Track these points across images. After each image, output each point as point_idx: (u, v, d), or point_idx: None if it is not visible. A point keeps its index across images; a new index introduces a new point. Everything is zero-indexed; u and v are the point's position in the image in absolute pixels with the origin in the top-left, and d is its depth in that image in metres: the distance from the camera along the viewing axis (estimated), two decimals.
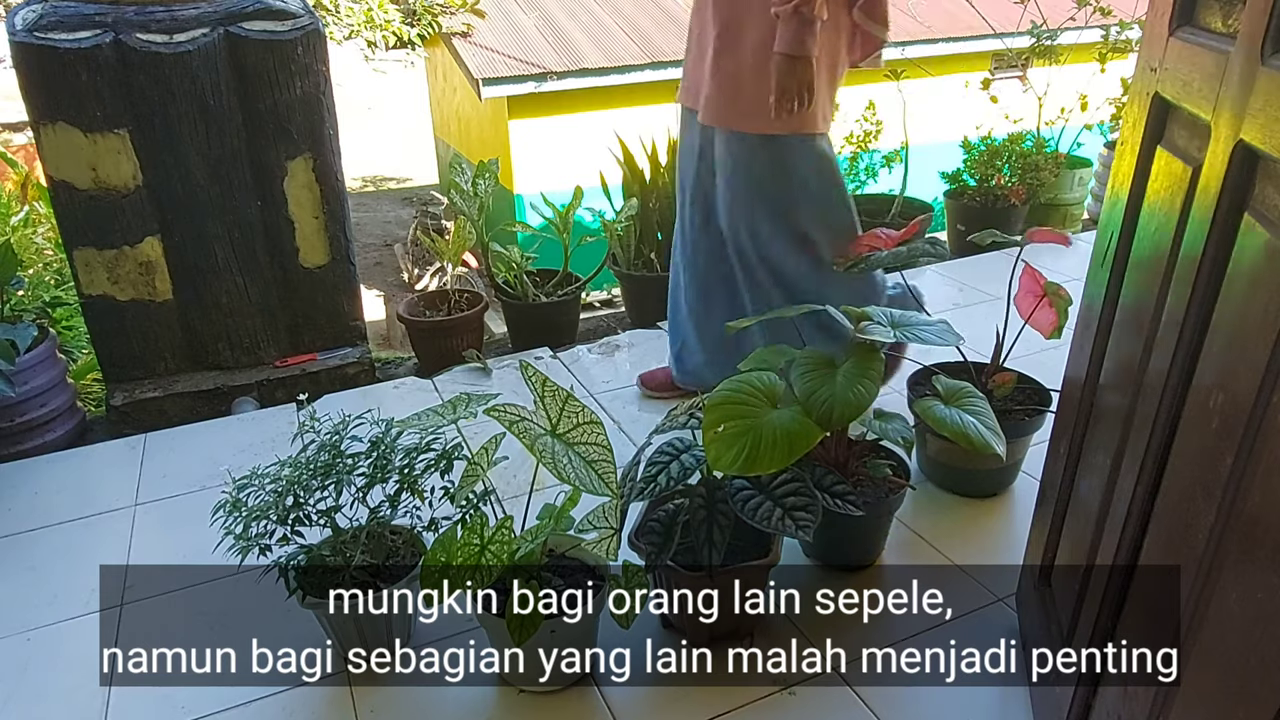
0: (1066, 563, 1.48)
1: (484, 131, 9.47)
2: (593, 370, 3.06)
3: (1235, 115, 0.91)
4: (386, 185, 14.66)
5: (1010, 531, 2.04)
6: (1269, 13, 0.85)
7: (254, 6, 2.71)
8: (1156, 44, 1.20)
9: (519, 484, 2.31)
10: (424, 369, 3.24)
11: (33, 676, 1.80)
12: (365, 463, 1.66)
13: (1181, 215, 1.06)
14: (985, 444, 1.70)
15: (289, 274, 2.99)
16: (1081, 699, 1.28)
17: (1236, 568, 0.86)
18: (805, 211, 2.27)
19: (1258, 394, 0.83)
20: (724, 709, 1.63)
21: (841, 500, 1.74)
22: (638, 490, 1.66)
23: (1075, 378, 1.47)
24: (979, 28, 7.90)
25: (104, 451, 2.66)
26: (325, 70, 2.85)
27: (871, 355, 1.70)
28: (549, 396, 1.54)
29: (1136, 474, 1.13)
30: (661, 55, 8.23)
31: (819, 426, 1.59)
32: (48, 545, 2.22)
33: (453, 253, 3.56)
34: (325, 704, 1.69)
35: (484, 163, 3.27)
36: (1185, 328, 1.02)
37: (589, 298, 6.33)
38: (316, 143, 2.87)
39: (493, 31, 8.62)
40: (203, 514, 1.71)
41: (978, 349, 2.65)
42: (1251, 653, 0.83)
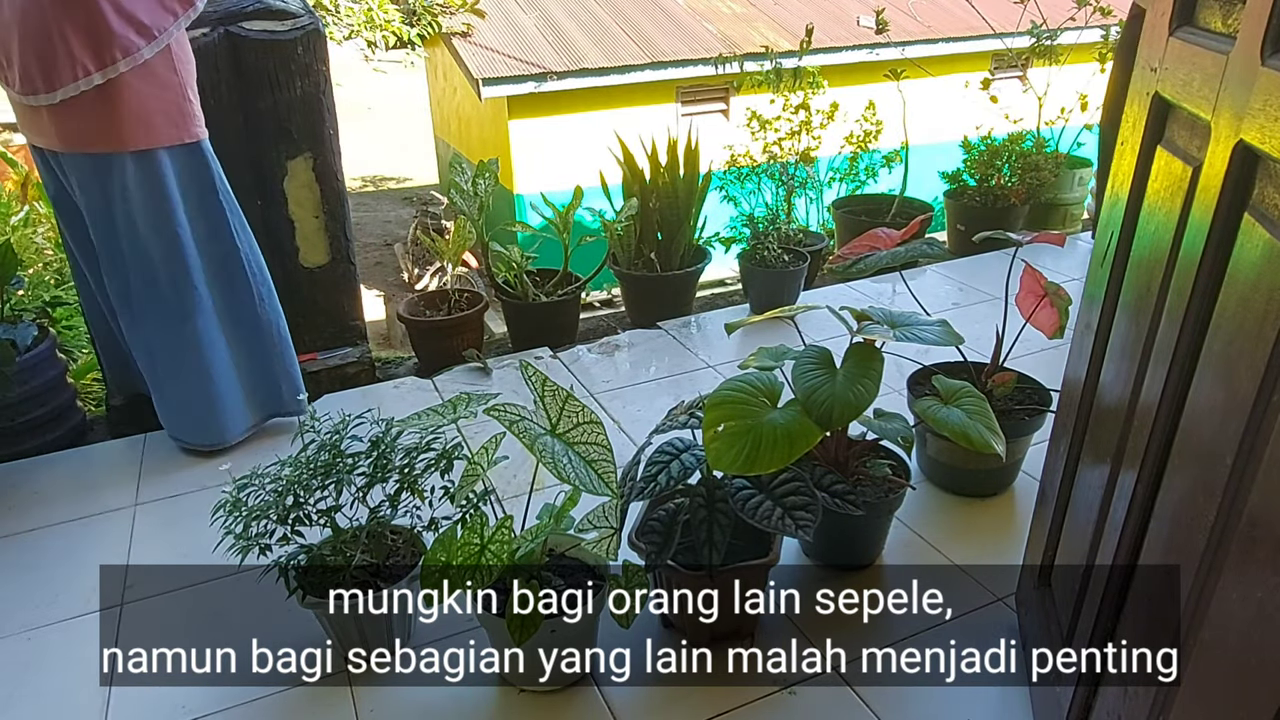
0: (1066, 563, 1.48)
1: (484, 131, 9.47)
2: (593, 370, 3.07)
3: (1235, 115, 0.91)
4: (386, 185, 14.66)
5: (1010, 531, 2.04)
6: (1269, 13, 0.85)
7: (254, 6, 2.71)
8: (1156, 44, 1.20)
9: (519, 484, 2.31)
10: (424, 369, 3.24)
11: (33, 676, 1.80)
12: (365, 462, 1.66)
13: (1181, 215, 1.06)
14: (985, 444, 1.70)
15: (289, 274, 2.98)
16: (1081, 699, 1.28)
17: (1236, 568, 0.86)
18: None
19: (1258, 394, 0.83)
20: (724, 709, 1.63)
21: (841, 500, 1.74)
22: (638, 490, 1.66)
23: (1075, 378, 1.47)
24: (979, 28, 7.90)
25: (104, 451, 2.66)
26: (325, 70, 2.85)
27: (872, 355, 1.70)
28: (549, 396, 1.54)
29: (1136, 474, 1.13)
30: (661, 55, 8.23)
31: (819, 426, 1.59)
32: (48, 545, 2.22)
33: (453, 252, 3.56)
34: (325, 704, 1.69)
35: (484, 162, 3.27)
36: (1185, 328, 1.02)
37: (589, 298, 6.33)
38: (316, 142, 2.87)
39: (493, 31, 8.62)
40: (203, 514, 1.71)
41: (978, 349, 2.66)
42: (1251, 653, 0.83)
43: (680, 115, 8.42)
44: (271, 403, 2.66)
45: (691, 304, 3.65)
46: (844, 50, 8.40)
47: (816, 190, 5.00)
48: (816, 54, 6.81)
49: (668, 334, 3.33)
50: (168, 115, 2.26)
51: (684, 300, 3.60)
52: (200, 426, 2.56)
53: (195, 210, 2.38)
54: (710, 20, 8.94)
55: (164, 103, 2.24)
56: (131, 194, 2.28)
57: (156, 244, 2.35)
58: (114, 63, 2.13)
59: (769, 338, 3.16)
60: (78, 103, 2.16)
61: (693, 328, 3.38)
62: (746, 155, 4.52)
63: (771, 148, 4.22)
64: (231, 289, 2.48)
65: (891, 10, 8.35)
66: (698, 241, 3.69)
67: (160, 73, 2.22)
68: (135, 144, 2.24)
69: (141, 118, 2.22)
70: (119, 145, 2.23)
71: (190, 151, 2.33)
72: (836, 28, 8.68)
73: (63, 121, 2.20)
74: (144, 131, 2.23)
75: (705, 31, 8.71)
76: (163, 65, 2.22)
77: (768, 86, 4.12)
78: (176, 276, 2.38)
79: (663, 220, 3.55)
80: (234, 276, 2.48)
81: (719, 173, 4.63)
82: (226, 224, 2.43)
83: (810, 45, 4.33)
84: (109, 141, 2.22)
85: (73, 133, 2.22)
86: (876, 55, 8.13)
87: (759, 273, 3.50)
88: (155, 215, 2.32)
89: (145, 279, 2.38)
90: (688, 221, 3.56)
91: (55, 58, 2.11)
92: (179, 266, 2.37)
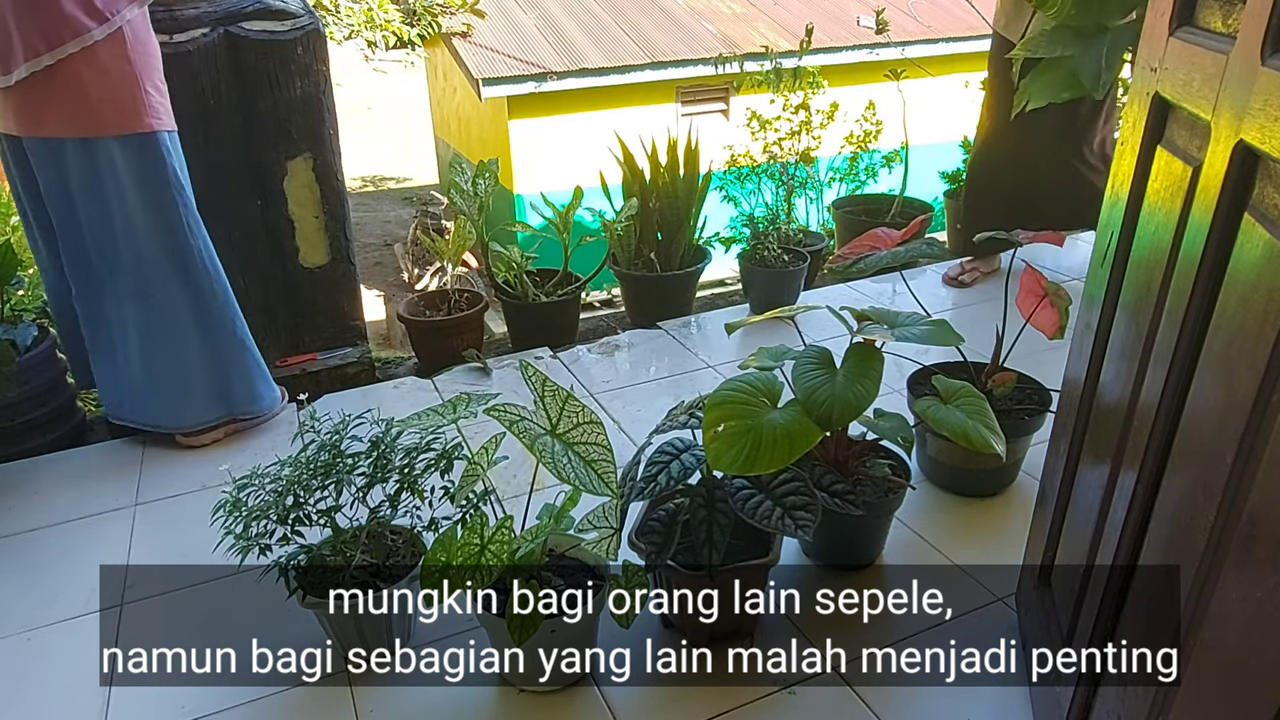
0: (1066, 563, 1.48)
1: (484, 131, 9.48)
2: (593, 370, 3.07)
3: (1235, 115, 0.91)
4: (386, 185, 14.66)
5: (1010, 531, 2.04)
6: (1269, 13, 0.85)
7: (254, 6, 2.71)
8: (1156, 44, 1.20)
9: (519, 484, 2.31)
10: (424, 369, 3.24)
11: (33, 676, 1.80)
12: (365, 462, 1.66)
13: (1181, 215, 1.06)
14: (985, 444, 1.70)
15: (289, 274, 2.98)
16: (1081, 699, 1.28)
17: (1236, 568, 0.86)
18: None
19: (1258, 394, 0.83)
20: (724, 709, 1.63)
21: (841, 500, 1.74)
22: (638, 490, 1.66)
23: (1075, 378, 1.47)
24: (979, 28, 7.91)
25: (104, 451, 2.66)
26: (325, 70, 2.85)
27: (872, 355, 1.70)
28: (549, 396, 1.54)
29: (1136, 474, 1.13)
30: (661, 55, 8.24)
31: (819, 426, 1.59)
32: (48, 545, 2.22)
33: (453, 253, 3.56)
34: (325, 704, 1.69)
35: (484, 163, 3.26)
36: (1185, 328, 1.02)
37: (589, 298, 6.33)
38: (316, 142, 2.87)
39: (493, 31, 8.63)
40: (203, 514, 1.71)
41: (978, 349, 2.66)
42: (1251, 653, 0.83)
43: (680, 115, 8.43)
44: (224, 402, 2.64)
45: (691, 304, 3.65)
46: (844, 50, 8.41)
47: (816, 190, 5.00)
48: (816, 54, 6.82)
49: (668, 334, 3.33)
50: (117, 104, 2.26)
51: (684, 300, 3.60)
52: (143, 406, 2.58)
53: (145, 203, 2.37)
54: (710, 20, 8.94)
55: (113, 92, 2.24)
56: (85, 180, 2.31)
57: (109, 233, 2.37)
58: (63, 44, 2.14)
59: (769, 338, 3.16)
60: (30, 85, 2.18)
61: (693, 328, 3.38)
62: (746, 155, 4.52)
63: (771, 148, 4.22)
64: (186, 285, 2.49)
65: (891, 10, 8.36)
66: (698, 241, 3.69)
67: (110, 61, 2.22)
68: (80, 131, 2.25)
69: (87, 106, 2.23)
70: (65, 131, 2.24)
71: (143, 143, 2.32)
72: (836, 27, 8.69)
73: (18, 104, 2.23)
74: (89, 119, 2.24)
75: (705, 31, 8.72)
76: (114, 53, 2.22)
77: (768, 86, 4.12)
78: (131, 266, 2.41)
79: (663, 220, 3.55)
80: (189, 273, 2.48)
81: (719, 173, 4.63)
82: (180, 221, 2.42)
83: (810, 45, 4.33)
84: (56, 127, 2.24)
85: (26, 116, 2.25)
86: (876, 55, 8.14)
87: (759, 273, 3.50)
88: (105, 205, 2.33)
89: (103, 263, 2.42)
90: (688, 221, 3.56)
91: (10, 39, 2.14)
92: (132, 257, 2.40)
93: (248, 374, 2.65)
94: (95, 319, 2.52)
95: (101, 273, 2.44)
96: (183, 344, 2.54)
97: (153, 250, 2.41)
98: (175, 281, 2.47)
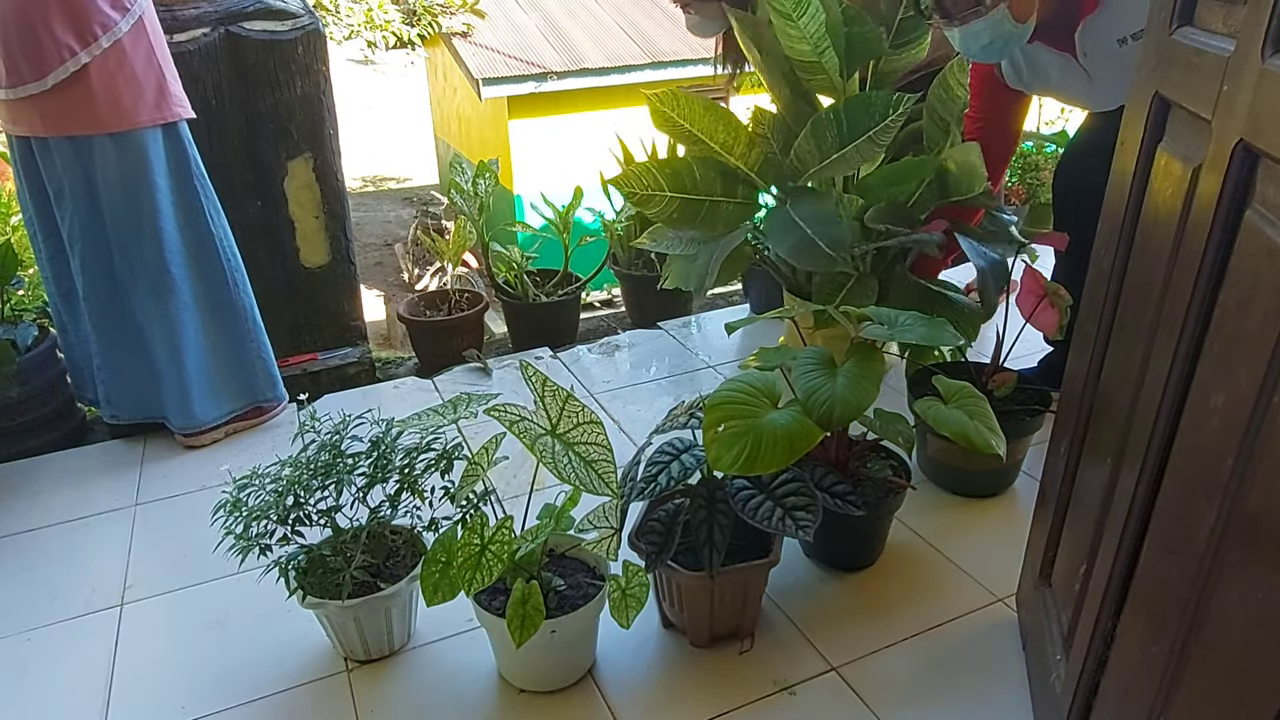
0: (1066, 563, 1.48)
1: (484, 131, 9.48)
2: (593, 370, 3.07)
3: (1235, 115, 0.91)
4: (386, 185, 14.67)
5: (1010, 531, 2.04)
6: (1269, 13, 0.85)
7: (254, 6, 2.71)
8: (1157, 44, 1.20)
9: (519, 484, 2.31)
10: (424, 369, 3.24)
11: (33, 676, 1.80)
12: (365, 463, 1.66)
13: (1181, 215, 1.06)
14: (986, 444, 1.70)
15: (289, 274, 2.98)
16: (1082, 700, 1.28)
17: (1236, 568, 0.86)
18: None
19: (1258, 394, 0.83)
20: (724, 709, 1.63)
21: (841, 500, 1.74)
22: (638, 490, 1.66)
23: (1075, 378, 1.47)
24: None
25: (104, 451, 2.66)
26: (325, 70, 2.85)
27: (872, 355, 1.70)
28: (549, 396, 1.54)
29: (1136, 474, 1.13)
30: (661, 55, 8.24)
31: (819, 426, 1.59)
32: (48, 545, 2.22)
33: (453, 253, 3.57)
34: (325, 704, 1.69)
35: (484, 163, 3.27)
36: (1185, 328, 1.02)
37: (589, 298, 6.33)
38: (316, 143, 2.87)
39: (493, 31, 8.63)
40: (203, 514, 1.71)
41: (978, 349, 2.66)
42: (1251, 653, 0.83)
43: None
44: (247, 390, 2.66)
45: (692, 304, 3.65)
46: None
47: None
48: None
49: (668, 334, 3.33)
50: (146, 95, 2.26)
51: (685, 300, 3.60)
52: (149, 407, 2.58)
53: (174, 193, 2.39)
54: None
55: (142, 81, 2.25)
56: (112, 176, 2.30)
57: (136, 227, 2.36)
58: (95, 40, 2.15)
59: (769, 338, 3.16)
60: (63, 85, 2.18)
61: (693, 328, 3.39)
62: None
63: None
64: (207, 274, 2.50)
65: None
66: None
67: (135, 52, 2.23)
68: (115, 125, 2.25)
69: (118, 98, 2.22)
70: (98, 127, 2.24)
71: (170, 132, 2.34)
72: None
73: (49, 107, 2.22)
74: (122, 112, 2.24)
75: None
76: (137, 43, 2.23)
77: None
78: (155, 259, 2.40)
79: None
80: (210, 261, 2.49)
81: None
82: (202, 208, 2.44)
83: None
84: (88, 124, 2.23)
85: (58, 116, 2.23)
86: None
87: (759, 273, 3.49)
88: (135, 198, 2.33)
89: (126, 261, 2.40)
90: None
91: (40, 45, 2.13)
92: (157, 249, 2.39)
93: (268, 362, 2.67)
94: (111, 322, 2.49)
95: (123, 272, 2.42)
96: (207, 335, 2.54)
97: (176, 241, 2.41)
98: (197, 271, 2.47)
